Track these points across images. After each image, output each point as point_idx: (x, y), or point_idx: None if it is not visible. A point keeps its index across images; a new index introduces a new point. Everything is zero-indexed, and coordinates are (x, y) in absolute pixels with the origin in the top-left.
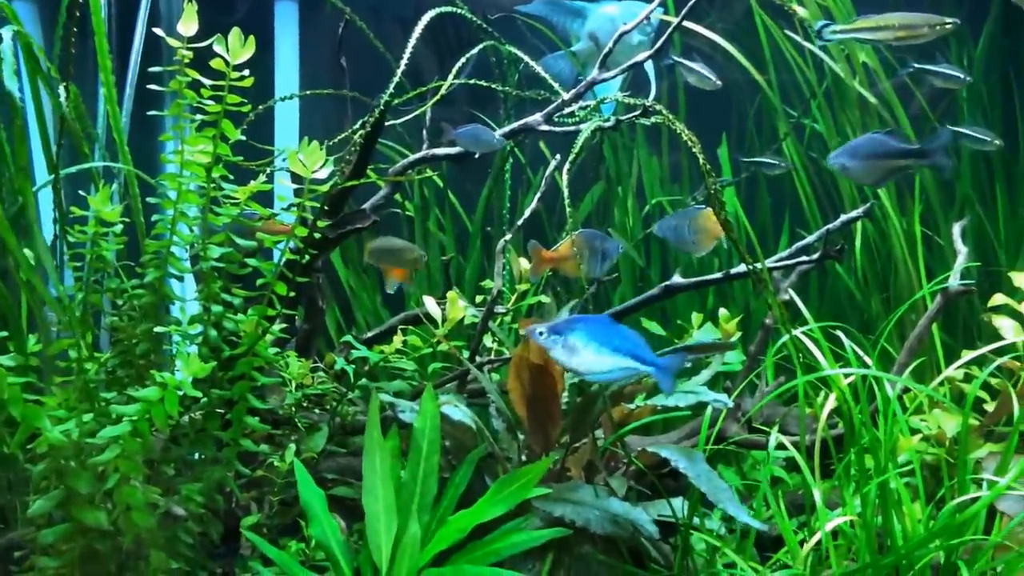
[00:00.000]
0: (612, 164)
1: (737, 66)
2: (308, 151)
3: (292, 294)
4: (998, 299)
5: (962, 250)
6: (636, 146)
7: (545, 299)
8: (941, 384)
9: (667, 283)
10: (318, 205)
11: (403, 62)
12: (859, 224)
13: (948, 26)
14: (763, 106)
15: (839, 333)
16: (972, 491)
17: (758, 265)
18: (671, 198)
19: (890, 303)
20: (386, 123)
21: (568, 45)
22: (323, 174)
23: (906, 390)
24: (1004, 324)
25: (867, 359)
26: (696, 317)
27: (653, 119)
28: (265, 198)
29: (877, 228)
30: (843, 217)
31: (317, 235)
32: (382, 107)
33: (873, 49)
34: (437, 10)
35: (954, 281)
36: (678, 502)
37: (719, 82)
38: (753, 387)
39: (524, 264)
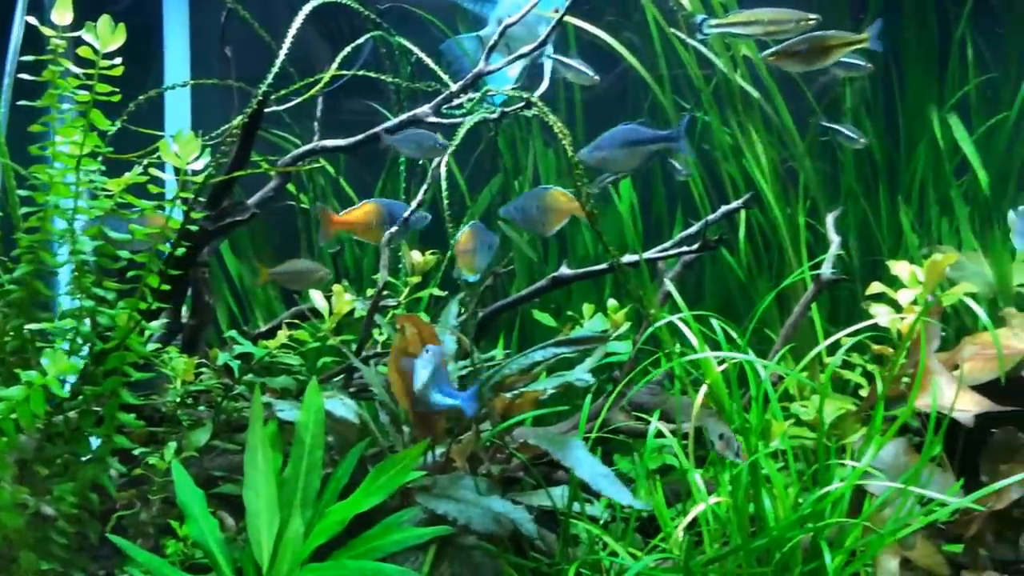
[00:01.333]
0: (508, 157)
1: (636, 60)
2: (183, 141)
3: (169, 288)
4: (875, 287)
5: (835, 239)
6: (532, 138)
7: (439, 292)
8: (822, 372)
9: (554, 275)
10: (193, 197)
11: (283, 51)
12: (743, 215)
13: (811, 22)
14: (657, 100)
15: (714, 321)
16: (837, 473)
17: (632, 257)
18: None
19: None
20: (274, 111)
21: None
22: (199, 165)
23: (781, 377)
24: (880, 311)
25: (740, 344)
26: (587, 308)
27: (533, 112)
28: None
29: (768, 219)
30: (723, 208)
31: (195, 228)
32: (261, 97)
33: (755, 43)
34: None
35: (826, 269)
36: (559, 491)
37: (596, 77)
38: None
39: (417, 256)
